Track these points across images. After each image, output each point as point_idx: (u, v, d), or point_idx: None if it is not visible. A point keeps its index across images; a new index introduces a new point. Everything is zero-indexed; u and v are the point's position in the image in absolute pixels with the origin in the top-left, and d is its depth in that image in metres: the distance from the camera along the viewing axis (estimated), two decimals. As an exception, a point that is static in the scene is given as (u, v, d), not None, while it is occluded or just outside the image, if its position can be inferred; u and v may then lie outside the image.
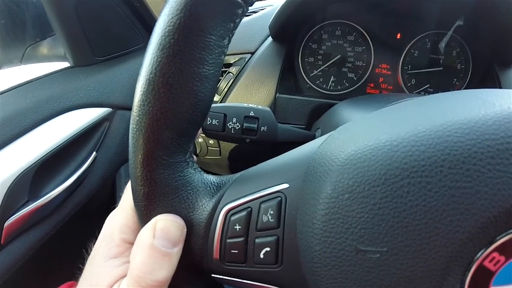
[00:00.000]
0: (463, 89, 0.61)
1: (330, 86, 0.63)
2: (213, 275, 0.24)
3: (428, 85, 0.61)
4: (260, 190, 0.22)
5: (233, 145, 0.61)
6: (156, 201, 0.23)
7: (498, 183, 0.17)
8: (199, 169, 0.25)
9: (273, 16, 0.56)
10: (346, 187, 0.19)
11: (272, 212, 0.21)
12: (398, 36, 0.61)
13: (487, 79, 0.59)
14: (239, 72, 0.60)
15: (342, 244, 0.19)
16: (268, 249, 0.21)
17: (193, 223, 0.23)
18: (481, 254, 0.18)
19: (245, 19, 0.64)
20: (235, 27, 0.22)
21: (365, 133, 0.21)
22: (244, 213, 0.22)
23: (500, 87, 0.56)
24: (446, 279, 0.18)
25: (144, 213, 0.23)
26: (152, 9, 0.61)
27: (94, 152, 0.58)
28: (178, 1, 0.19)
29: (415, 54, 0.61)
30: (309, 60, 0.63)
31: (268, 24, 0.59)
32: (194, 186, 0.23)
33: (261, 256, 0.22)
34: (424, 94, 0.62)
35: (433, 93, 0.59)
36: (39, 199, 0.51)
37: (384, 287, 0.18)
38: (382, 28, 0.61)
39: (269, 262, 0.22)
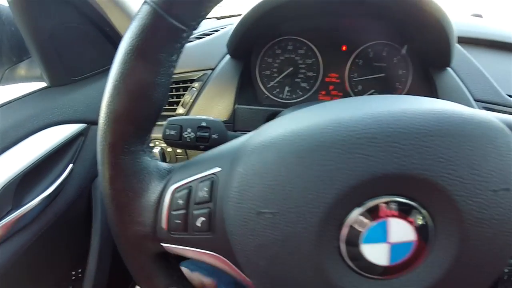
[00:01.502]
0: (406, 91, 0.68)
1: (286, 95, 0.69)
2: (162, 243, 0.29)
3: (374, 90, 0.68)
4: (199, 173, 0.28)
5: (199, 152, 0.67)
6: (118, 181, 0.28)
7: (356, 162, 0.23)
8: (155, 157, 0.30)
9: (229, 35, 0.63)
10: (251, 167, 0.25)
11: (206, 189, 0.27)
12: (344, 48, 0.68)
13: (426, 81, 0.66)
14: (202, 87, 0.66)
15: (247, 208, 0.25)
16: (203, 219, 0.27)
17: (147, 200, 0.28)
18: (349, 217, 0.23)
19: (207, 37, 0.71)
20: (182, 46, 0.28)
21: (272, 128, 0.27)
22: (186, 190, 0.28)
23: (436, 89, 0.63)
24: (322, 236, 0.24)
25: (109, 192, 0.28)
26: (121, 33, 0.68)
27: (71, 164, 0.63)
28: (136, 29, 0.25)
29: (360, 63, 0.68)
30: (266, 73, 0.69)
31: (226, 43, 0.65)
32: (150, 171, 0.29)
33: (198, 225, 0.27)
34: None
35: (379, 97, 0.66)
36: (21, 207, 0.57)
37: (278, 240, 0.24)
38: (329, 41, 0.68)
39: (204, 230, 0.27)
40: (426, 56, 0.65)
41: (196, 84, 0.66)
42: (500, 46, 0.70)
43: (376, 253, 0.24)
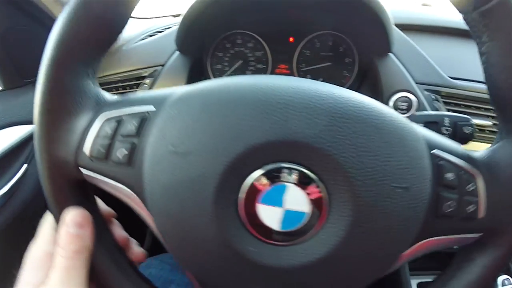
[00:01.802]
0: (353, 79, 0.70)
1: (238, 88, 0.71)
2: (81, 168, 0.29)
3: (322, 79, 0.70)
4: (134, 108, 0.29)
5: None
6: (55, 96, 0.28)
7: (269, 123, 0.24)
8: (99, 86, 0.31)
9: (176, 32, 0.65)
10: (178, 109, 0.26)
11: (135, 124, 0.27)
12: (291, 39, 0.70)
13: (371, 68, 0.67)
14: (153, 83, 0.68)
15: (164, 146, 0.26)
16: (125, 152, 0.27)
17: (77, 122, 0.28)
18: (252, 174, 0.25)
19: (159, 35, 0.72)
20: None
21: (208, 81, 0.28)
22: (116, 122, 0.28)
23: (379, 75, 0.64)
24: (224, 186, 0.25)
25: (42, 108, 0.28)
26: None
27: (25, 165, 0.64)
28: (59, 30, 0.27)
29: (307, 54, 0.70)
30: (217, 67, 0.71)
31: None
32: (88, 96, 0.29)
33: (120, 156, 0.27)
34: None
35: (328, 86, 0.68)
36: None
37: (183, 182, 0.25)
38: (276, 34, 0.70)
39: (124, 162, 0.27)
40: (368, 43, 0.67)
41: (147, 81, 0.68)
42: (444, 31, 0.72)
43: (269, 215, 0.25)
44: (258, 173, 0.25)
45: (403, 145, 0.25)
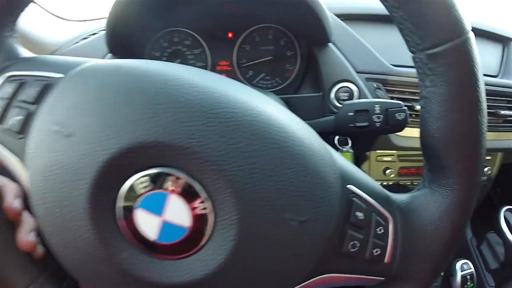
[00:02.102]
0: (296, 72, 0.67)
1: (178, 88, 0.68)
2: None
3: (264, 74, 0.67)
4: (40, 71, 0.26)
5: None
6: None
7: (161, 121, 0.22)
8: (17, 41, 0.29)
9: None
10: (74, 84, 0.24)
11: (37, 89, 0.25)
12: (230, 35, 0.67)
13: (312, 60, 0.65)
14: (86, 88, 0.64)
15: (47, 122, 0.23)
16: (19, 117, 0.25)
17: None
18: (136, 174, 0.22)
19: (92, 37, 0.69)
20: None
21: (119, 61, 0.26)
22: (18, 82, 0.26)
23: (320, 66, 0.62)
24: (105, 179, 0.22)
25: None
26: None
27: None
28: None
29: (247, 49, 0.67)
30: (156, 68, 0.68)
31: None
32: (3, 48, 0.28)
33: (14, 121, 0.25)
34: (263, 83, 0.68)
35: (270, 81, 0.65)
36: None
37: (62, 164, 0.23)
38: (214, 30, 0.67)
39: (15, 130, 0.25)
40: (307, 35, 0.65)
41: (80, 87, 0.64)
42: (385, 19, 0.71)
43: (147, 222, 0.23)
44: (141, 174, 0.22)
45: (310, 174, 0.23)
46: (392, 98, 0.62)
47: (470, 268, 0.72)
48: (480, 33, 0.72)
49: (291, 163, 0.23)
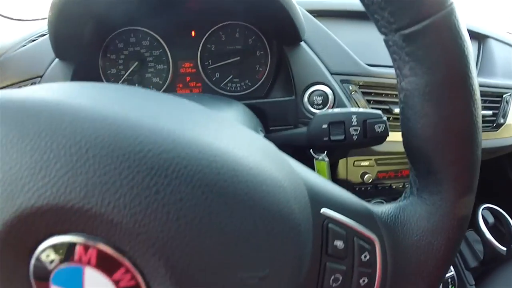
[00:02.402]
0: (267, 73, 0.62)
1: (138, 94, 0.62)
2: None
3: (232, 76, 0.62)
4: None
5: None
6: None
7: (73, 177, 0.16)
8: None
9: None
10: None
11: None
12: (193, 33, 0.61)
13: (282, 59, 0.60)
14: (31, 98, 0.57)
15: None
16: None
17: None
18: (42, 244, 0.17)
19: (35, 42, 0.61)
20: None
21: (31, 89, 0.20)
22: None
23: (291, 67, 0.57)
24: (6, 254, 0.17)
25: None
26: None
27: None
28: None
29: (212, 49, 0.61)
30: (112, 72, 0.61)
31: (51, 44, 0.56)
32: None
33: None
34: (231, 86, 0.62)
35: (239, 83, 0.60)
36: None
37: None
38: (175, 28, 0.61)
39: None
40: (277, 33, 0.59)
41: (24, 96, 0.57)
42: (360, 16, 0.66)
43: None
44: (45, 244, 0.17)
45: (264, 217, 0.18)
46: (369, 101, 0.58)
47: (451, 271, 0.71)
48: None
49: (236, 207, 0.18)
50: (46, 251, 0.17)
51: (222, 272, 0.17)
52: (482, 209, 0.79)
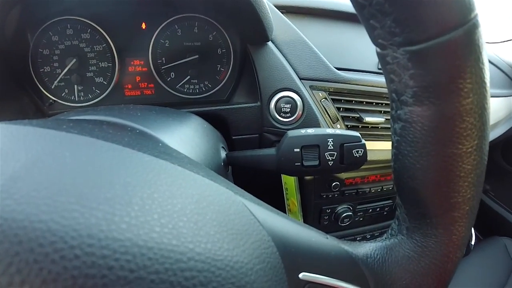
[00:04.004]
0: (229, 74, 0.56)
1: (79, 96, 0.53)
2: None
3: (189, 77, 0.54)
4: None
5: None
6: None
7: None
8: None
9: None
10: None
11: None
12: (143, 26, 0.53)
13: (247, 60, 0.54)
14: None
15: None
16: None
17: None
18: None
19: None
20: None
21: None
22: None
23: (256, 69, 0.51)
24: None
25: None
26: None
27: None
28: None
29: (166, 44, 0.53)
30: (45, 70, 0.51)
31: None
32: None
33: None
34: (188, 87, 0.55)
35: (198, 85, 0.53)
36: None
37: None
38: (121, 19, 0.52)
39: None
40: (242, 30, 0.53)
41: None
42: (332, 15, 0.61)
43: None
44: None
45: None
46: (338, 108, 0.54)
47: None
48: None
49: None
50: None
51: None
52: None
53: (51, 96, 0.52)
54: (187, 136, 0.33)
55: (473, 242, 0.77)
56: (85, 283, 0.11)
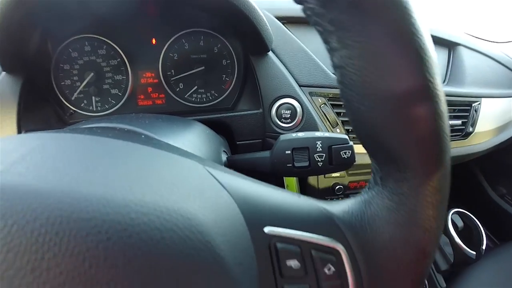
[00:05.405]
0: (234, 84, 0.59)
1: (96, 107, 0.58)
2: None
3: (197, 87, 0.58)
4: None
5: None
6: None
7: None
8: None
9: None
10: None
11: None
12: (153, 41, 0.57)
13: (249, 69, 0.57)
14: (-25, 114, 0.52)
15: None
16: None
17: None
18: None
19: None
20: None
21: None
22: None
23: (257, 78, 0.54)
24: None
25: None
26: None
27: None
28: None
29: (175, 58, 0.58)
30: (66, 83, 0.57)
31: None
32: None
33: None
34: (196, 97, 0.59)
35: (205, 94, 0.56)
36: None
37: None
38: (133, 36, 0.56)
39: None
40: (243, 43, 0.56)
41: (-34, 112, 0.52)
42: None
43: None
44: None
45: (176, 269, 0.15)
46: (338, 113, 0.57)
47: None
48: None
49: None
50: None
51: None
52: (452, 214, 0.79)
53: (71, 107, 0.57)
54: (189, 141, 0.37)
55: (484, 246, 0.76)
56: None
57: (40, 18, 0.48)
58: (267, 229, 0.19)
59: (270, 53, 0.55)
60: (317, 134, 0.38)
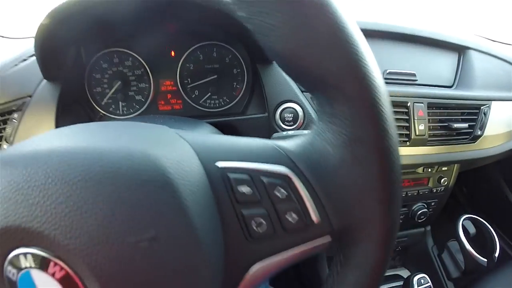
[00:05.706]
0: (244, 90, 0.65)
1: (122, 111, 0.65)
2: None
3: (210, 93, 0.65)
4: None
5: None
6: None
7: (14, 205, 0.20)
8: None
9: (36, 58, 0.58)
10: None
11: None
12: (172, 54, 0.64)
13: (257, 77, 0.63)
14: (22, 117, 0.61)
15: None
16: None
17: None
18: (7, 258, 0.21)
19: (25, 62, 0.65)
20: None
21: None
22: None
23: (263, 84, 0.60)
24: None
25: None
26: None
27: None
28: None
29: (191, 68, 0.64)
30: (97, 90, 0.65)
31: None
32: None
33: None
34: (210, 102, 0.65)
35: (218, 100, 0.63)
36: None
37: None
38: (155, 49, 0.64)
39: None
40: (250, 53, 0.62)
41: (15, 115, 0.62)
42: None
43: None
44: (7, 260, 0.21)
45: (136, 187, 0.19)
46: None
47: (428, 282, 0.72)
48: (435, 43, 0.69)
49: (102, 188, 0.19)
50: (8, 266, 0.21)
51: (111, 243, 0.19)
52: (463, 220, 0.79)
53: (101, 111, 0.65)
54: None
55: (497, 254, 0.75)
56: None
57: (77, 35, 0.57)
58: (218, 163, 0.21)
59: (275, 62, 0.60)
60: (305, 132, 0.43)
